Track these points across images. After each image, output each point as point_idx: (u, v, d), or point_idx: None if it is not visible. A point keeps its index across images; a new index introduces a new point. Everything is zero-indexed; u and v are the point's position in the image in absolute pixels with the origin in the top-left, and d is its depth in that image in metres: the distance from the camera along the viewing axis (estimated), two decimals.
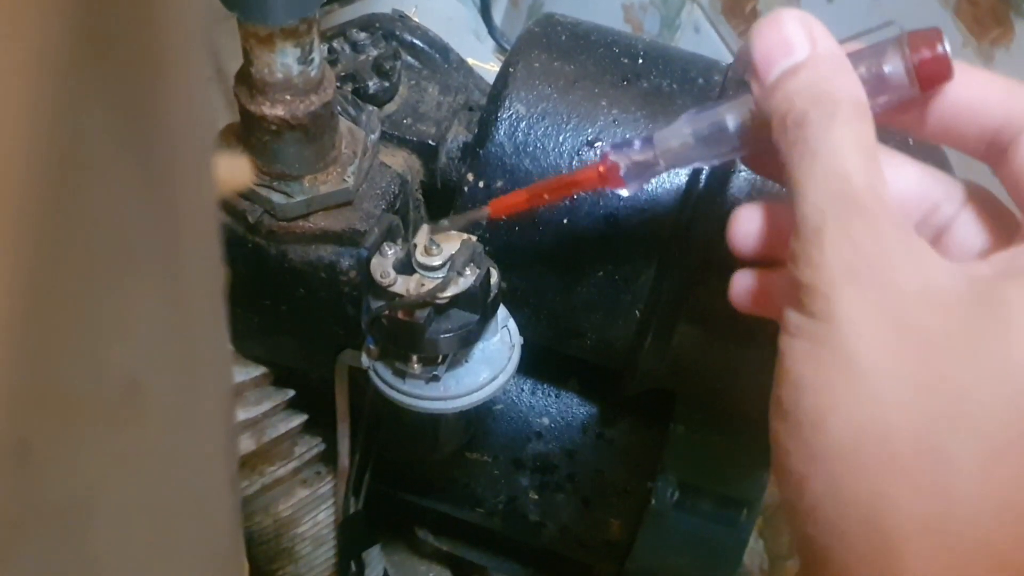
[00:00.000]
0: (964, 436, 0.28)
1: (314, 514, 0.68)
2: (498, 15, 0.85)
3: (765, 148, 0.35)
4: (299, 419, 0.66)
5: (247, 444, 0.63)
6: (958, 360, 0.29)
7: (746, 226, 0.39)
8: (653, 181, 0.54)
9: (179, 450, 0.20)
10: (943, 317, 0.29)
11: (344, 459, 0.65)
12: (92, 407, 0.16)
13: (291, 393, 0.66)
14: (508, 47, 0.74)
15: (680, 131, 0.39)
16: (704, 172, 0.53)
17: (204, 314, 0.20)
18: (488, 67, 0.76)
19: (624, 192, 0.42)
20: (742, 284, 0.40)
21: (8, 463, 0.17)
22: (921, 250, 0.31)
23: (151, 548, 0.21)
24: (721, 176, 0.53)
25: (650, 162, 0.40)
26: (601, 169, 0.41)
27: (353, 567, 0.69)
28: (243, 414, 0.63)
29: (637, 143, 0.40)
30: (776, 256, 0.38)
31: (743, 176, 0.53)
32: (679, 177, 0.54)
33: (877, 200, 0.31)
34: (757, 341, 0.55)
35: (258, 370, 0.64)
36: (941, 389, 0.29)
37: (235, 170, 0.22)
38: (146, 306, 0.16)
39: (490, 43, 0.85)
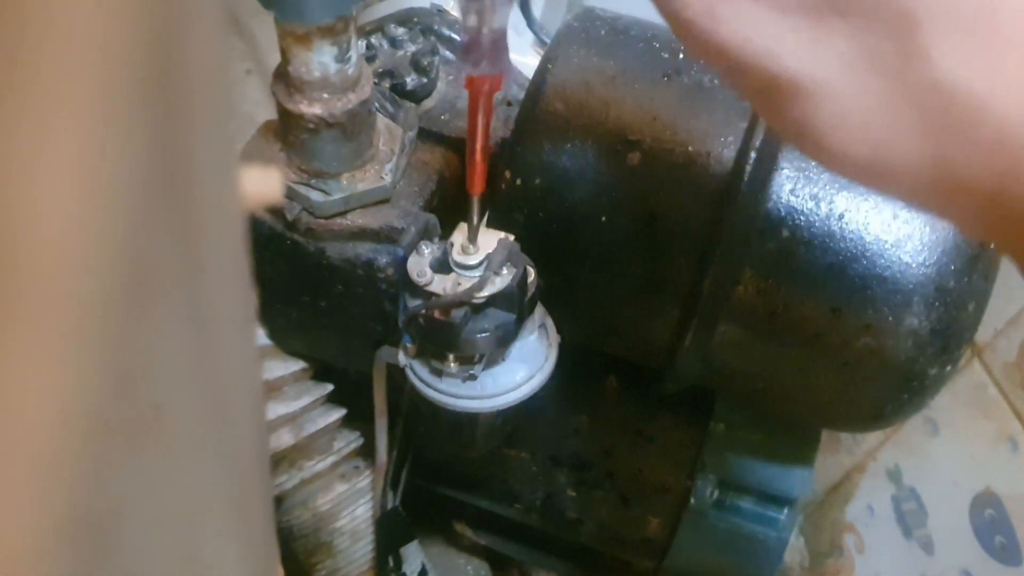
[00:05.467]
0: None
1: (352, 508, 0.68)
2: (537, 8, 0.84)
3: None
4: (338, 413, 0.66)
5: (286, 439, 0.64)
6: None
7: None
8: (689, 179, 0.53)
9: (207, 468, 0.20)
10: None
11: (382, 454, 0.66)
12: (118, 429, 0.16)
13: (330, 387, 0.66)
14: (547, 40, 0.73)
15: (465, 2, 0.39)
16: (747, 171, 0.52)
17: (230, 339, 0.20)
18: (527, 60, 0.75)
19: (502, 75, 0.42)
20: None
21: (45, 480, 0.17)
22: None
23: (182, 559, 0.21)
24: (762, 175, 0.52)
25: (483, 42, 0.39)
26: (469, 89, 0.42)
27: (391, 562, 0.69)
28: (282, 409, 0.63)
29: (463, 41, 0.40)
30: None
31: (784, 173, 0.52)
32: (720, 173, 0.53)
33: None
34: (798, 340, 0.54)
35: (297, 365, 0.64)
36: None
37: (265, 183, 0.22)
38: (170, 334, 0.16)
39: (529, 36, 0.84)
